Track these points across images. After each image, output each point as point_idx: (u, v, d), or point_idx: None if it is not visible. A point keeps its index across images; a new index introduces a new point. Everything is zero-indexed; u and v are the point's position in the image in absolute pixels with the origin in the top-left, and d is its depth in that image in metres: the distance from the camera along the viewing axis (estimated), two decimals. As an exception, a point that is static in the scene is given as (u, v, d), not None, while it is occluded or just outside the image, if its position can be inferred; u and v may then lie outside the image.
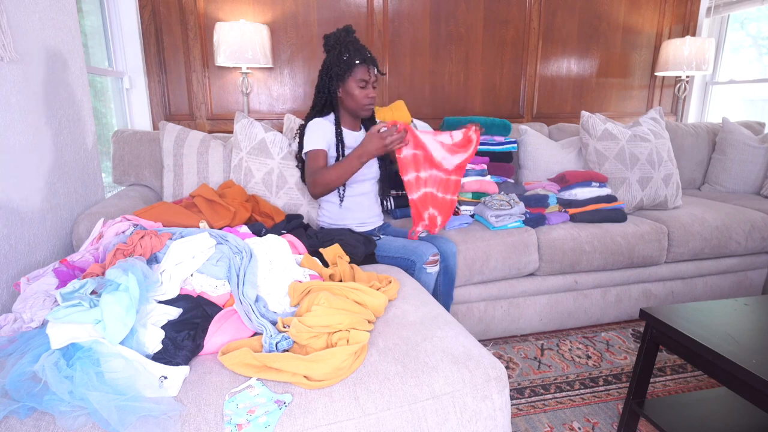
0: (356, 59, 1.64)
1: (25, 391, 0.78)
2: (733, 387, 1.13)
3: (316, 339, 0.95)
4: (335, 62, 1.66)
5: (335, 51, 1.66)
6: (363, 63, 1.65)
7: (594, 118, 2.32)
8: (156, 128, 2.62)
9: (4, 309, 1.21)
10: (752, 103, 3.44)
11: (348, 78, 1.66)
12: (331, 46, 1.68)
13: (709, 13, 3.32)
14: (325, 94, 1.72)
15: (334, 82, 1.68)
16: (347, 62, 1.64)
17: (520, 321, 2.05)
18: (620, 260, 2.06)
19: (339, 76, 1.67)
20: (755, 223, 2.21)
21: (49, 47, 1.49)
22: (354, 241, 1.53)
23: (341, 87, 1.69)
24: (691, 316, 1.32)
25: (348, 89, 1.68)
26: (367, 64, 1.66)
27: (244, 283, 1.07)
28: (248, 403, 0.81)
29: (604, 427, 1.51)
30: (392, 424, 0.84)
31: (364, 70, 1.66)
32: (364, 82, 1.67)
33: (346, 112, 1.76)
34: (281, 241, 1.25)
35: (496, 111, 3.04)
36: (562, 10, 2.99)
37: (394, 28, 2.76)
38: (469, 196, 2.11)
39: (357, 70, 1.65)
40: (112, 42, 2.42)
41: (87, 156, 1.73)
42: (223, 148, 1.93)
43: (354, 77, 1.66)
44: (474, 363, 0.95)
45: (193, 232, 1.20)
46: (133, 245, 1.10)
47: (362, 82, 1.67)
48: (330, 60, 1.68)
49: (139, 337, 0.91)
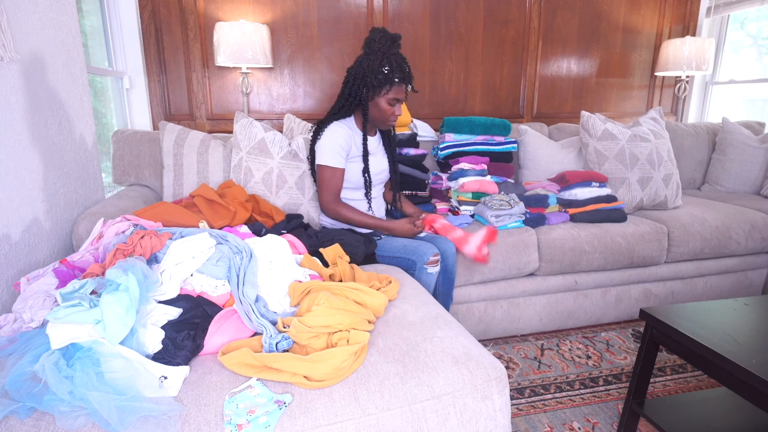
0: (396, 76, 1.59)
1: (25, 391, 0.78)
2: (733, 387, 1.13)
3: (316, 339, 0.95)
4: (373, 71, 1.59)
5: (376, 58, 1.59)
6: (402, 82, 1.61)
7: (594, 118, 2.32)
8: (156, 128, 2.62)
9: (4, 309, 1.21)
10: (752, 103, 3.44)
11: (382, 92, 1.62)
12: (373, 51, 1.60)
13: (709, 13, 3.32)
14: (355, 101, 1.66)
15: (368, 91, 1.63)
16: (386, 77, 1.59)
17: (520, 321, 2.05)
18: (620, 260, 2.06)
19: (373, 87, 1.62)
20: (755, 223, 2.21)
21: (48, 47, 1.49)
22: (354, 241, 1.53)
23: (373, 98, 1.65)
24: (691, 316, 1.32)
25: (378, 102, 1.64)
26: (404, 84, 1.63)
27: (244, 283, 1.07)
28: (248, 403, 0.81)
29: (604, 427, 1.51)
30: (392, 424, 0.84)
31: (401, 90, 1.63)
32: (395, 101, 1.64)
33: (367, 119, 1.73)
34: (281, 241, 1.25)
35: (496, 111, 3.04)
36: (562, 10, 2.99)
37: (394, 28, 2.76)
38: (469, 196, 2.11)
39: (393, 88, 1.62)
40: (112, 42, 2.42)
41: (87, 156, 1.73)
42: (223, 148, 1.93)
43: (388, 94, 1.62)
44: (474, 363, 0.95)
45: (193, 232, 1.20)
46: (133, 245, 1.10)
47: (394, 101, 1.64)
48: (368, 65, 1.60)
49: (139, 337, 0.91)
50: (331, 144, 1.65)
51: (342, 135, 1.66)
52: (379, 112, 1.67)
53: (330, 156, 1.65)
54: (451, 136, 2.33)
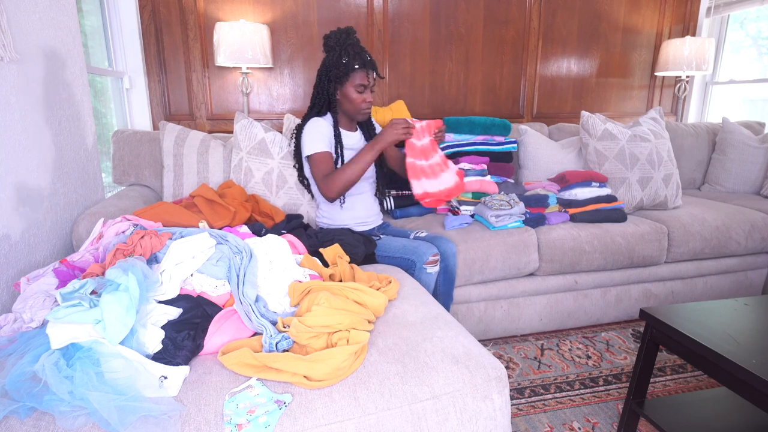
0: (356, 63, 1.63)
1: (25, 391, 0.78)
2: (733, 387, 1.13)
3: (316, 339, 0.95)
4: (334, 64, 1.65)
5: (335, 53, 1.65)
6: (362, 68, 1.64)
7: (594, 118, 2.32)
8: (156, 128, 2.61)
9: (4, 309, 1.21)
10: (752, 103, 3.44)
11: (346, 82, 1.66)
12: (331, 47, 1.67)
13: (709, 13, 3.32)
14: (324, 96, 1.71)
15: (332, 84, 1.68)
16: (346, 66, 1.63)
17: (520, 321, 2.05)
18: (620, 260, 2.06)
19: (337, 79, 1.66)
20: (755, 223, 2.21)
21: (49, 47, 1.49)
22: (354, 241, 1.53)
23: (339, 90, 1.69)
24: (691, 316, 1.32)
25: (346, 93, 1.68)
26: (366, 69, 1.65)
27: (244, 283, 1.07)
28: (248, 403, 0.81)
29: (604, 427, 1.51)
30: (392, 424, 0.84)
31: (363, 75, 1.65)
32: (362, 87, 1.67)
33: (343, 114, 1.76)
34: (281, 241, 1.25)
35: (496, 111, 3.04)
36: (562, 10, 2.99)
37: (394, 28, 2.76)
38: (469, 196, 2.11)
39: (356, 75, 1.65)
40: (112, 42, 2.42)
41: (87, 156, 1.73)
42: (223, 148, 1.93)
43: (352, 82, 1.66)
44: (474, 363, 0.95)
45: (193, 232, 1.20)
46: (133, 245, 1.10)
47: (360, 87, 1.67)
48: (329, 61, 1.67)
49: (139, 337, 0.91)
50: (312, 133, 1.67)
51: (320, 126, 1.69)
52: (349, 102, 1.70)
53: (314, 145, 1.66)
54: (451, 136, 2.33)
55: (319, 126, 1.69)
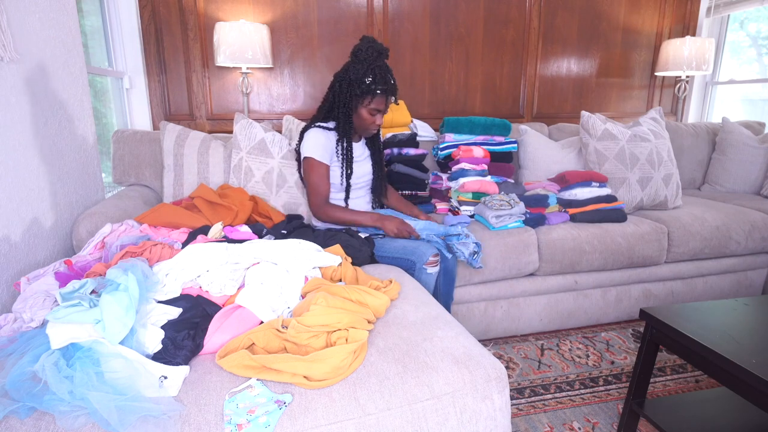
0: (378, 88, 1.62)
1: (25, 391, 0.78)
2: (733, 387, 1.13)
3: (316, 339, 0.95)
4: (357, 81, 1.63)
5: (361, 67, 1.62)
6: (383, 94, 1.64)
7: (594, 118, 2.32)
8: (156, 128, 2.62)
9: (4, 309, 1.21)
10: (752, 103, 3.44)
11: (363, 101, 1.66)
12: (359, 60, 1.63)
13: (709, 13, 3.32)
14: (338, 105, 1.69)
15: (350, 98, 1.66)
16: (368, 87, 1.62)
17: (520, 321, 2.05)
18: (620, 260, 2.06)
19: (356, 96, 1.65)
20: (755, 223, 2.21)
21: (49, 47, 1.49)
22: (358, 244, 1.53)
23: (353, 105, 1.68)
24: (691, 316, 1.32)
25: (359, 111, 1.68)
26: (387, 95, 1.65)
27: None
28: (248, 403, 0.81)
29: (604, 427, 1.51)
30: (392, 424, 0.84)
31: (381, 101, 1.66)
32: (376, 111, 1.67)
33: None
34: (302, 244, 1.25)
35: (496, 111, 3.04)
36: (562, 10, 2.99)
37: (394, 27, 2.76)
38: (469, 196, 2.11)
39: (375, 99, 1.65)
40: (112, 42, 2.42)
41: (87, 156, 1.73)
42: (224, 149, 1.93)
43: (368, 103, 1.65)
44: (474, 363, 0.95)
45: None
46: (143, 249, 1.10)
47: (375, 111, 1.67)
48: (353, 74, 1.64)
49: (139, 337, 0.91)
50: (315, 142, 1.69)
51: (323, 137, 1.69)
52: (359, 120, 1.71)
53: (314, 151, 1.68)
54: (451, 136, 2.33)
55: (321, 137, 1.69)
